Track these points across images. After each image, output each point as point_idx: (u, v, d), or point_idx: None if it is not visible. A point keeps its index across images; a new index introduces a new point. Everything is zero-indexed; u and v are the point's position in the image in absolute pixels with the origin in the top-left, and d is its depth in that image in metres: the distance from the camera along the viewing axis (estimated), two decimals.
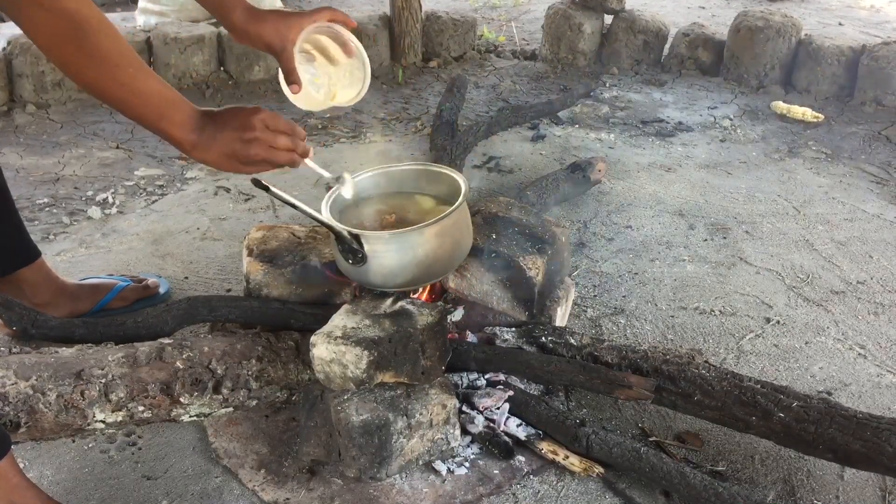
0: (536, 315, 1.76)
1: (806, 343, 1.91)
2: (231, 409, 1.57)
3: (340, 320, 1.47)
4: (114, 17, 4.24)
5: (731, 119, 3.42)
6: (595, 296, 2.08)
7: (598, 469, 1.46)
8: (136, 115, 1.21)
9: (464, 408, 1.55)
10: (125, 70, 1.16)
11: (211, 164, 1.27)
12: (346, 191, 1.61)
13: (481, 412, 1.55)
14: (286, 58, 1.43)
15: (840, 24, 5.04)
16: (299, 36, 1.44)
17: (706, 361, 1.57)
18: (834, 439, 1.37)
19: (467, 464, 1.48)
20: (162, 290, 1.96)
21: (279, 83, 1.48)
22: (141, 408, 1.51)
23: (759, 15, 3.78)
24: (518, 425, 1.54)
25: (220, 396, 1.55)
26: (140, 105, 1.20)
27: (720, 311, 2.02)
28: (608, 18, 4.10)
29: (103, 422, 1.49)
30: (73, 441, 1.52)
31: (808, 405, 1.42)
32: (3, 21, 4.07)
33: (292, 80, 1.45)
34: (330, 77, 1.56)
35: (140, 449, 1.51)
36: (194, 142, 1.24)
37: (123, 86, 1.17)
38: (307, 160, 1.34)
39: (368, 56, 1.56)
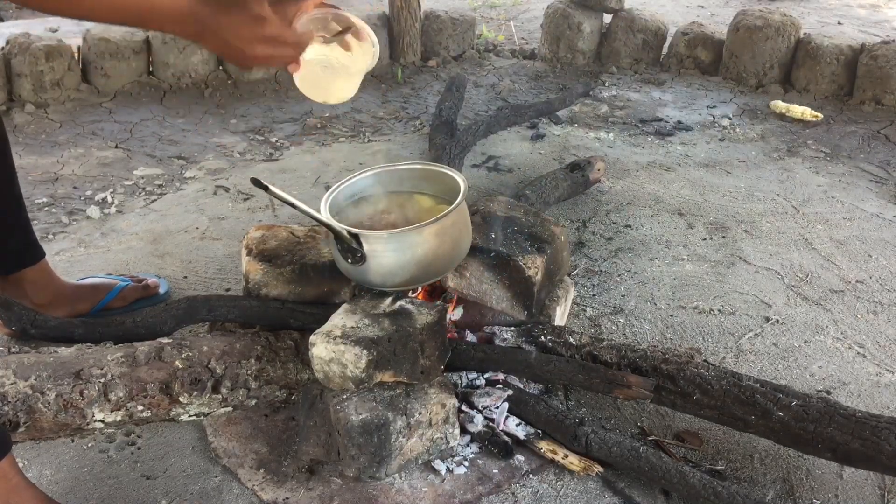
0: (535, 314, 1.76)
1: (805, 342, 1.91)
2: (230, 408, 1.57)
3: (340, 320, 1.47)
4: None
5: (730, 118, 3.42)
6: (594, 295, 2.08)
7: (598, 468, 1.46)
8: (122, 23, 1.13)
9: (463, 407, 1.55)
10: None
11: (218, 52, 1.20)
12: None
13: (480, 411, 1.55)
14: None
15: (839, 23, 5.04)
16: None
17: (705, 360, 1.58)
18: (833, 438, 1.37)
19: (466, 463, 1.48)
20: (161, 290, 1.96)
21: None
22: (140, 407, 1.51)
23: (757, 14, 3.78)
24: (517, 424, 1.54)
25: (220, 396, 1.55)
26: (119, 14, 1.12)
27: (719, 311, 2.02)
28: (607, 17, 4.10)
29: (102, 421, 1.50)
30: (73, 441, 1.52)
31: (807, 404, 1.42)
32: (3, 21, 4.08)
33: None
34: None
35: (139, 448, 1.51)
36: (198, 32, 1.15)
37: None
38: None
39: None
